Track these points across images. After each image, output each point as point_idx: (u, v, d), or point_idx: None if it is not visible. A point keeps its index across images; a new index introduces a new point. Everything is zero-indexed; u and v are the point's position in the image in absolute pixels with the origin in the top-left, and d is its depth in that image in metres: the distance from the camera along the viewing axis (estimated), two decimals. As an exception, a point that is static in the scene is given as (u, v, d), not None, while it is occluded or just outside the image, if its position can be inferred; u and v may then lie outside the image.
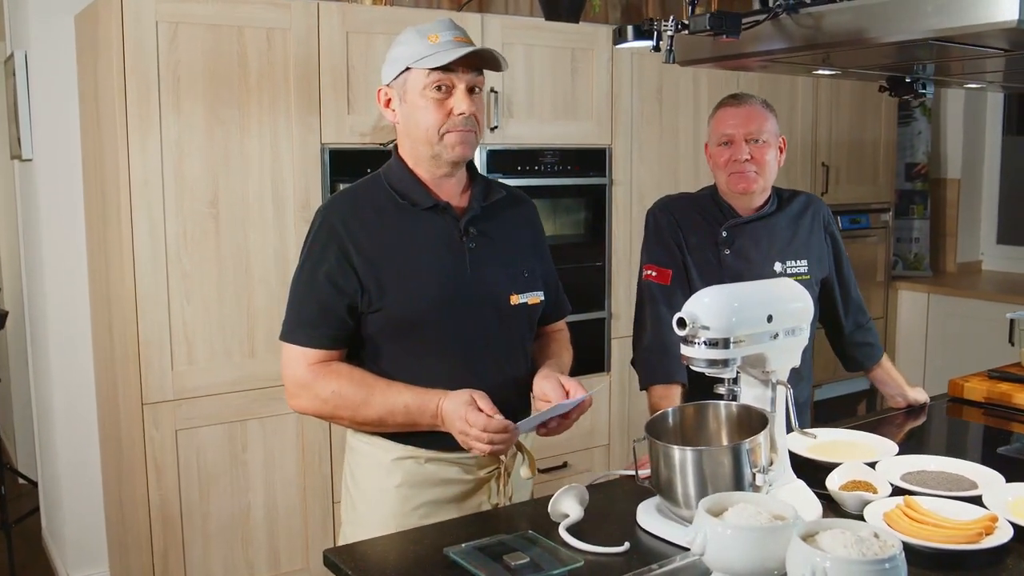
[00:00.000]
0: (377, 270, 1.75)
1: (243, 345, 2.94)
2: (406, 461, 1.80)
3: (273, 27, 2.89)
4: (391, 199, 1.80)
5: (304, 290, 1.79)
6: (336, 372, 1.75)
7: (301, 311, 1.78)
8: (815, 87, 4.28)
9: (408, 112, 1.77)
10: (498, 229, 1.87)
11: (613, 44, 1.71)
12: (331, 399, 1.74)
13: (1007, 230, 4.98)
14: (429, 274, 1.77)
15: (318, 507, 3.12)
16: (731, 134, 2.17)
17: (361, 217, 1.78)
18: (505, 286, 1.83)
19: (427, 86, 1.73)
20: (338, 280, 1.75)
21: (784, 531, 1.36)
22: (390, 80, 1.79)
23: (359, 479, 1.86)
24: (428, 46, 1.72)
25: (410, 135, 1.79)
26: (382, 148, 3.11)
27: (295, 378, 1.77)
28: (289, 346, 1.78)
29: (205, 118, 2.81)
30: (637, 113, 3.73)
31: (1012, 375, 2.49)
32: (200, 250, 2.84)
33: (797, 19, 1.51)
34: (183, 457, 2.87)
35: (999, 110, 4.90)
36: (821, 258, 2.29)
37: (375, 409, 1.73)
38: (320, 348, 1.76)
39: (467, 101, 1.73)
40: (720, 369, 1.60)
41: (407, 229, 1.79)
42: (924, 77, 1.93)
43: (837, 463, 1.87)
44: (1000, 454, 2.09)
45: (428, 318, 1.76)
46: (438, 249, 1.79)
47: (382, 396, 1.72)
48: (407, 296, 1.75)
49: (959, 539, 1.52)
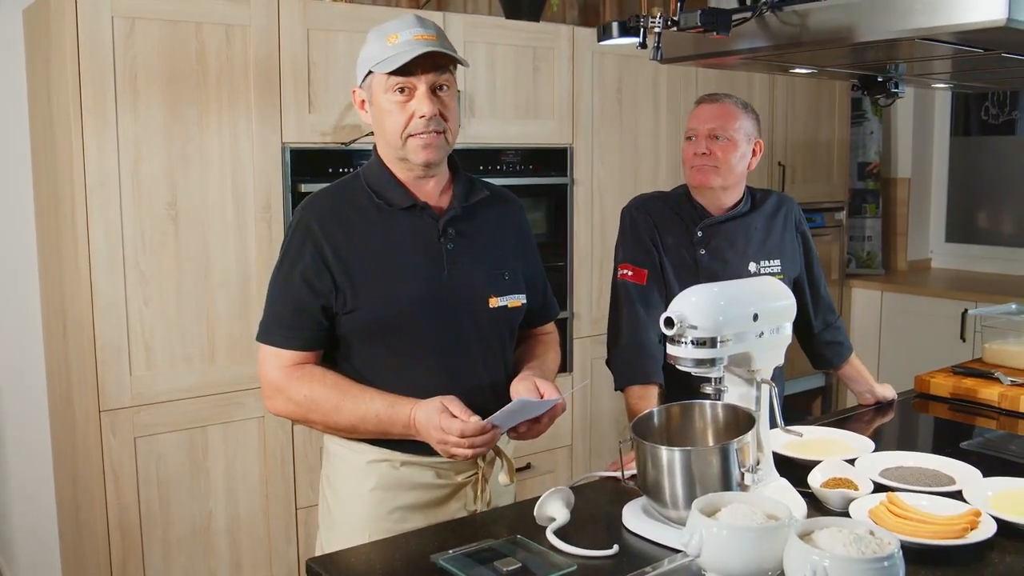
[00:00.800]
0: (352, 271, 1.72)
1: (203, 350, 2.87)
2: (381, 464, 1.77)
3: (232, 23, 2.82)
4: (369, 199, 1.77)
5: (280, 290, 1.77)
6: (310, 375, 1.73)
7: (277, 312, 1.76)
8: (771, 87, 4.32)
9: (376, 115, 1.76)
10: (479, 229, 1.83)
11: (598, 41, 1.69)
12: (304, 403, 1.72)
13: (955, 229, 5.08)
14: (404, 275, 1.74)
15: (281, 514, 3.06)
16: (695, 128, 2.19)
17: (338, 217, 1.76)
18: (483, 288, 1.80)
19: (388, 89, 1.70)
20: (313, 280, 1.72)
21: (780, 531, 1.36)
22: (360, 81, 1.78)
23: (335, 483, 1.84)
24: (386, 48, 1.69)
25: (381, 136, 1.78)
26: (344, 147, 3.06)
27: (270, 380, 1.75)
28: (265, 347, 1.76)
29: (163, 117, 2.73)
30: (597, 112, 3.73)
31: (976, 370, 2.53)
32: (159, 253, 2.76)
33: (783, 17, 1.51)
34: (142, 465, 2.79)
35: (947, 111, 5.00)
36: (793, 257, 2.30)
37: (346, 415, 1.70)
38: (295, 350, 1.74)
39: (428, 103, 1.69)
40: (707, 369, 1.59)
41: (384, 230, 1.76)
42: (897, 76, 1.95)
43: (815, 460, 1.88)
44: (964, 449, 2.11)
45: (403, 320, 1.73)
46: (415, 250, 1.76)
47: (354, 402, 1.69)
48: (381, 297, 1.72)
49: (945, 534, 1.54)
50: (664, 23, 1.46)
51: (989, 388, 2.39)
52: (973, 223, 5.04)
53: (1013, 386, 2.39)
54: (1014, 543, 1.56)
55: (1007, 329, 2.65)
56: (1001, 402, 2.34)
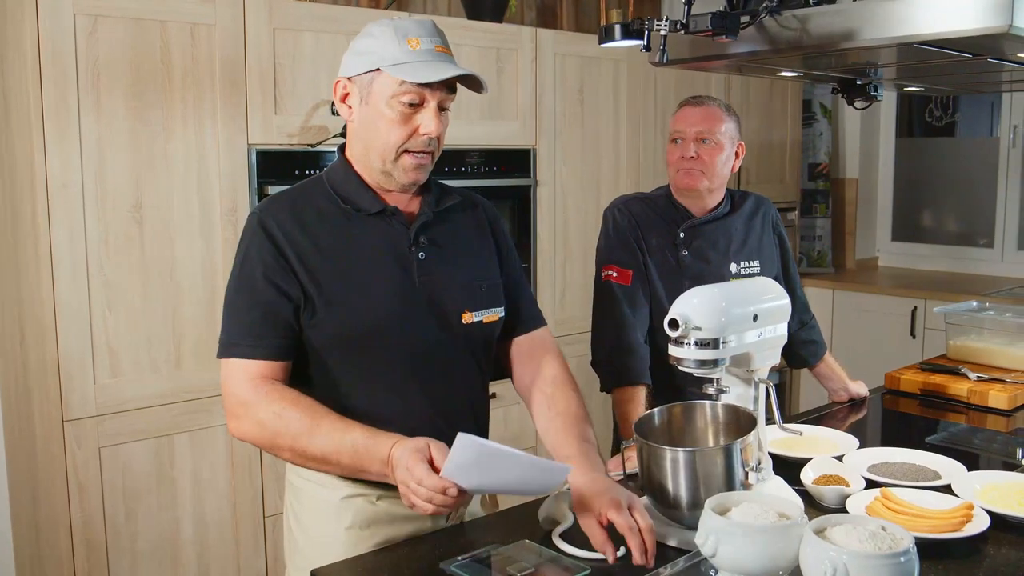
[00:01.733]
0: (317, 278, 1.59)
1: (169, 356, 2.80)
2: (356, 499, 1.63)
3: (198, 22, 2.76)
4: (333, 203, 1.64)
5: (242, 297, 1.60)
6: (281, 393, 1.55)
7: (240, 320, 1.59)
8: (727, 88, 4.38)
9: (368, 117, 1.60)
10: (452, 237, 1.71)
11: (599, 43, 1.69)
12: (272, 423, 1.52)
13: (900, 228, 5.21)
14: (373, 286, 1.61)
15: (249, 522, 3.00)
16: (682, 131, 2.19)
17: (299, 220, 1.61)
18: (457, 302, 1.67)
19: (396, 96, 1.55)
20: (279, 282, 1.58)
21: (795, 529, 1.37)
22: (354, 74, 1.60)
23: (304, 521, 1.69)
24: (406, 51, 1.55)
25: (364, 141, 1.62)
26: (311, 149, 3.02)
27: (236, 396, 1.57)
28: (229, 362, 1.59)
29: (127, 117, 2.66)
30: (560, 114, 3.74)
31: (943, 367, 2.59)
32: (123, 257, 2.69)
33: (781, 21, 1.53)
34: (107, 475, 2.71)
35: (892, 113, 5.12)
36: (772, 258, 2.34)
37: (319, 442, 1.50)
38: (265, 359, 1.57)
39: (436, 122, 1.57)
40: (709, 369, 1.60)
41: (350, 236, 1.62)
42: (876, 80, 1.99)
43: (803, 458, 1.90)
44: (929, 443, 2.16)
45: (370, 335, 1.60)
46: (384, 259, 1.63)
47: (329, 427, 1.51)
48: (348, 308, 1.59)
49: (942, 528, 1.57)
50: (672, 26, 1.47)
51: (958, 384, 2.45)
52: (918, 222, 5.17)
53: (980, 382, 2.46)
54: (1007, 535, 1.60)
55: (970, 326, 2.72)
56: (970, 397, 2.40)
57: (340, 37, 3.05)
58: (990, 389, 2.39)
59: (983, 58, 1.64)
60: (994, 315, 2.72)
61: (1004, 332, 2.65)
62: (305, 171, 3.02)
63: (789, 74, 1.99)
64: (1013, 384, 2.42)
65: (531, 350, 1.79)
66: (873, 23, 1.46)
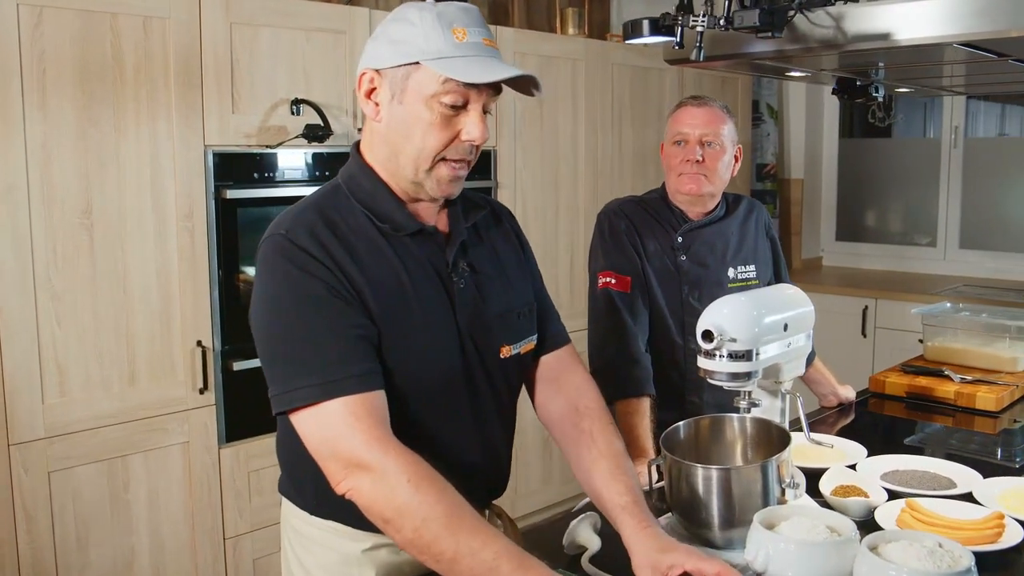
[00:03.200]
0: (376, 299, 1.34)
1: (123, 372, 2.62)
2: (380, 552, 1.45)
3: (151, 15, 2.58)
4: (365, 219, 1.39)
5: (313, 323, 1.30)
6: (416, 469, 1.25)
7: (313, 353, 1.29)
8: (680, 88, 4.35)
9: (402, 118, 1.35)
10: (489, 260, 1.50)
11: (624, 39, 1.60)
12: (409, 510, 1.23)
13: (844, 228, 5.27)
14: (417, 321, 1.38)
15: (208, 545, 2.83)
16: (686, 133, 2.11)
17: (337, 239, 1.35)
18: (497, 337, 1.48)
19: (437, 95, 1.31)
20: (347, 296, 1.32)
21: (849, 545, 1.32)
22: (385, 67, 1.35)
23: (316, 573, 1.49)
24: (452, 43, 1.31)
25: (394, 145, 1.38)
26: (269, 151, 2.86)
27: (351, 455, 1.26)
28: (320, 410, 1.27)
29: (75, 116, 2.48)
30: (520, 115, 3.65)
31: (925, 369, 2.58)
32: (72, 267, 2.50)
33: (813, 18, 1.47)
34: (57, 501, 2.52)
35: (836, 114, 5.18)
36: (766, 262, 2.28)
37: (462, 566, 1.22)
38: (372, 390, 1.29)
39: (481, 126, 1.34)
40: (742, 382, 1.53)
41: (390, 259, 1.38)
42: (877, 80, 1.95)
43: (817, 468, 1.85)
44: (907, 444, 2.14)
45: (412, 374, 1.38)
46: (425, 288, 1.39)
47: (468, 541, 1.22)
48: (393, 346, 1.35)
49: (979, 540, 1.53)
50: (712, 22, 1.39)
51: (944, 386, 2.44)
52: (861, 222, 5.24)
53: (966, 383, 2.45)
54: (1040, 545, 1.57)
55: (945, 328, 2.72)
56: (958, 400, 2.39)
57: (299, 33, 2.90)
58: (977, 391, 2.39)
59: (1004, 59, 1.61)
60: (970, 316, 2.73)
61: (980, 333, 2.65)
62: (265, 174, 2.87)
63: (798, 74, 1.94)
64: (1000, 386, 2.42)
65: (558, 372, 1.61)
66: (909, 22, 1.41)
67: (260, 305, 1.35)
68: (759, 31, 1.36)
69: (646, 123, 4.21)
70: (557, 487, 3.91)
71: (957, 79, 2.05)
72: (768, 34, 1.36)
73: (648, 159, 4.25)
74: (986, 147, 4.81)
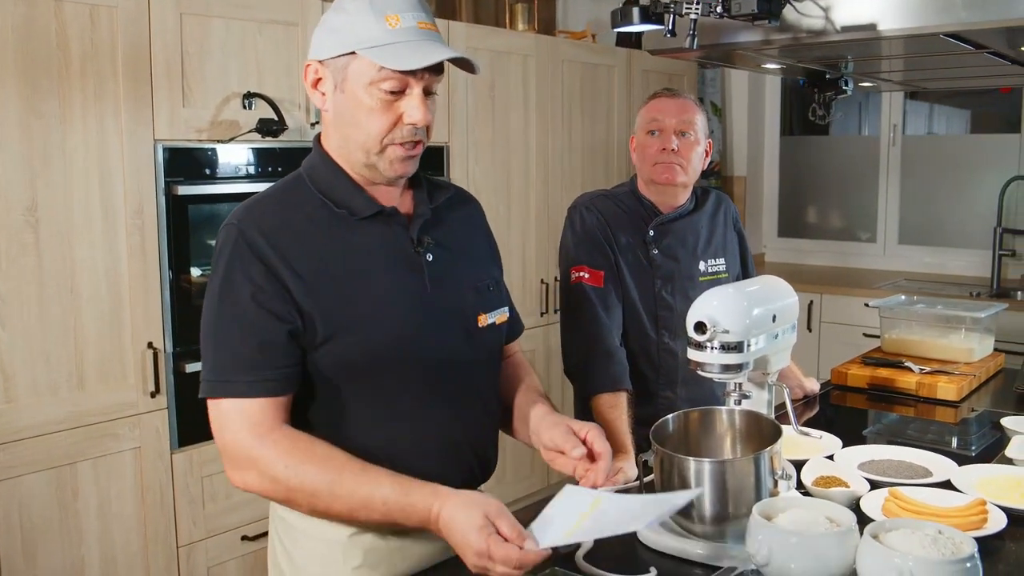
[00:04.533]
0: (318, 295, 1.40)
1: (71, 376, 2.51)
2: (366, 536, 1.47)
3: (97, 3, 2.48)
4: (323, 206, 1.45)
5: (229, 326, 1.39)
6: (291, 442, 1.36)
7: (231, 352, 1.38)
8: (628, 84, 4.36)
9: (345, 106, 1.42)
10: (453, 236, 1.56)
11: (612, 27, 1.58)
12: (285, 481, 1.35)
13: (786, 224, 5.35)
14: (385, 298, 1.44)
15: (161, 553, 2.73)
16: (662, 121, 2.10)
17: (290, 228, 1.42)
18: (472, 305, 1.54)
19: (375, 82, 1.37)
20: (271, 304, 1.38)
21: (851, 535, 1.32)
22: (326, 57, 1.41)
23: (301, 564, 1.50)
24: (384, 30, 1.35)
25: (342, 132, 1.45)
26: (221, 145, 2.78)
27: (238, 446, 1.37)
28: (223, 403, 1.38)
29: (18, 108, 2.36)
30: (472, 110, 3.62)
31: (884, 360, 2.62)
32: (17, 266, 2.39)
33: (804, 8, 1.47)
34: (3, 512, 2.40)
35: (777, 112, 5.25)
36: (734, 255, 2.29)
37: (343, 501, 1.34)
38: (265, 396, 1.37)
39: (422, 109, 1.39)
40: (734, 374, 1.52)
41: (349, 243, 1.44)
42: (847, 74, 1.96)
43: (795, 460, 1.85)
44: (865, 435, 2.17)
45: (385, 354, 1.43)
46: (389, 265, 1.46)
47: (353, 483, 1.34)
48: (360, 323, 1.41)
49: (966, 526, 1.53)
50: (706, 9, 1.37)
51: (905, 377, 2.48)
52: (803, 218, 5.32)
53: (925, 374, 2.49)
54: (1020, 530, 1.59)
55: (902, 320, 2.77)
56: (919, 390, 2.43)
57: (251, 25, 2.82)
58: (938, 381, 2.43)
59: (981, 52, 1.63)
60: (926, 308, 2.78)
61: (936, 325, 2.70)
62: (216, 169, 2.78)
63: (773, 66, 1.95)
64: (959, 376, 2.46)
65: (510, 355, 1.73)
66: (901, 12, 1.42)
67: (205, 295, 1.44)
68: (756, 18, 1.36)
69: (595, 119, 4.22)
70: (540, 475, 3.89)
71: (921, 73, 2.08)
72: (765, 21, 1.35)
73: (597, 154, 4.26)
74: (922, 145, 4.93)
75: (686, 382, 2.14)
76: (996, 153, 4.61)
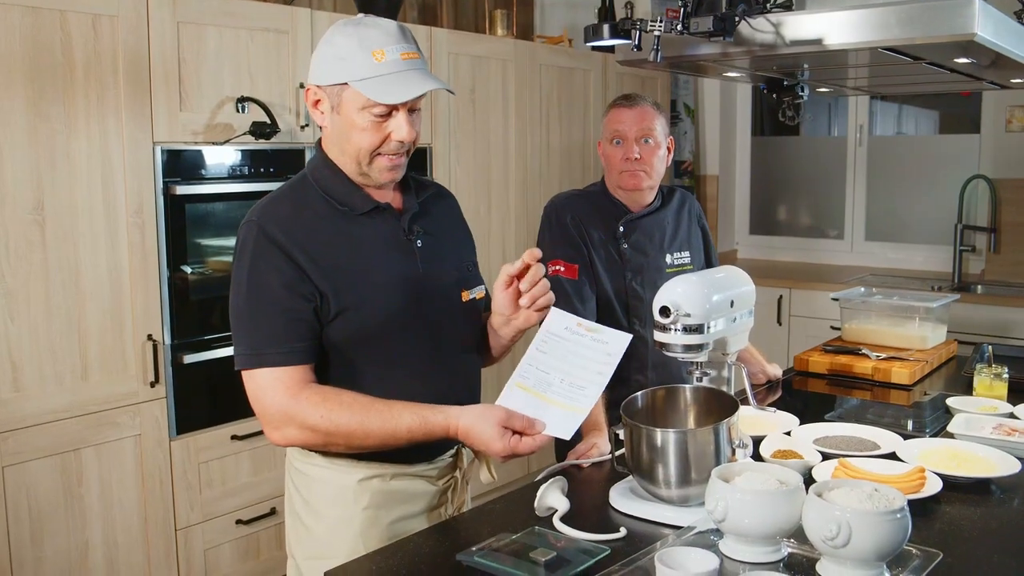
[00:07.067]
0: (330, 277, 1.64)
1: (75, 367, 2.65)
2: (372, 481, 1.71)
3: (100, 13, 2.62)
4: (328, 204, 1.69)
5: (260, 306, 1.62)
6: (322, 395, 1.60)
7: (265, 329, 1.61)
8: (604, 87, 4.52)
9: (341, 125, 1.65)
10: (437, 225, 1.82)
11: (585, 42, 1.73)
12: (323, 427, 1.59)
13: (757, 222, 5.53)
14: (385, 279, 1.69)
15: (161, 538, 2.87)
16: (623, 131, 2.26)
17: (301, 222, 1.66)
18: (456, 283, 1.80)
19: (366, 107, 1.60)
20: (296, 286, 1.61)
21: (799, 493, 1.47)
22: (324, 84, 1.64)
23: (317, 507, 1.73)
24: (372, 65, 1.58)
25: (339, 145, 1.69)
26: (217, 147, 2.92)
27: (277, 407, 1.60)
28: (259, 373, 1.61)
29: (26, 113, 2.50)
30: (454, 113, 3.76)
31: (843, 348, 2.80)
32: (24, 263, 2.52)
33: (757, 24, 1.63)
34: (10, 496, 2.54)
35: (748, 112, 5.43)
36: (698, 249, 2.46)
37: (375, 437, 1.59)
38: (298, 364, 1.61)
39: (407, 127, 1.63)
40: (695, 353, 1.68)
41: (352, 234, 1.69)
42: (803, 81, 2.13)
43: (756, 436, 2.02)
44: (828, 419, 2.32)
45: (388, 324, 1.68)
46: (388, 251, 1.71)
47: (380, 421, 1.59)
48: (365, 299, 1.66)
49: (906, 490, 1.70)
50: (668, 26, 1.53)
51: (862, 363, 2.65)
52: (773, 216, 5.51)
53: (881, 360, 2.67)
54: (954, 494, 1.76)
55: (861, 310, 2.94)
56: (875, 375, 2.61)
57: (243, 32, 2.96)
58: (892, 367, 2.60)
59: (919, 62, 1.79)
60: (883, 299, 2.96)
61: (892, 315, 2.88)
62: (212, 170, 2.92)
63: (735, 74, 2.11)
64: (912, 362, 2.64)
65: None
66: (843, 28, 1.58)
67: (232, 284, 1.66)
68: (712, 35, 1.52)
69: (572, 121, 4.38)
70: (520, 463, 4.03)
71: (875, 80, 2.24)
72: (720, 38, 1.51)
73: (574, 155, 4.42)
74: (888, 145, 5.13)
75: (656, 366, 2.30)
76: (957, 153, 4.81)
